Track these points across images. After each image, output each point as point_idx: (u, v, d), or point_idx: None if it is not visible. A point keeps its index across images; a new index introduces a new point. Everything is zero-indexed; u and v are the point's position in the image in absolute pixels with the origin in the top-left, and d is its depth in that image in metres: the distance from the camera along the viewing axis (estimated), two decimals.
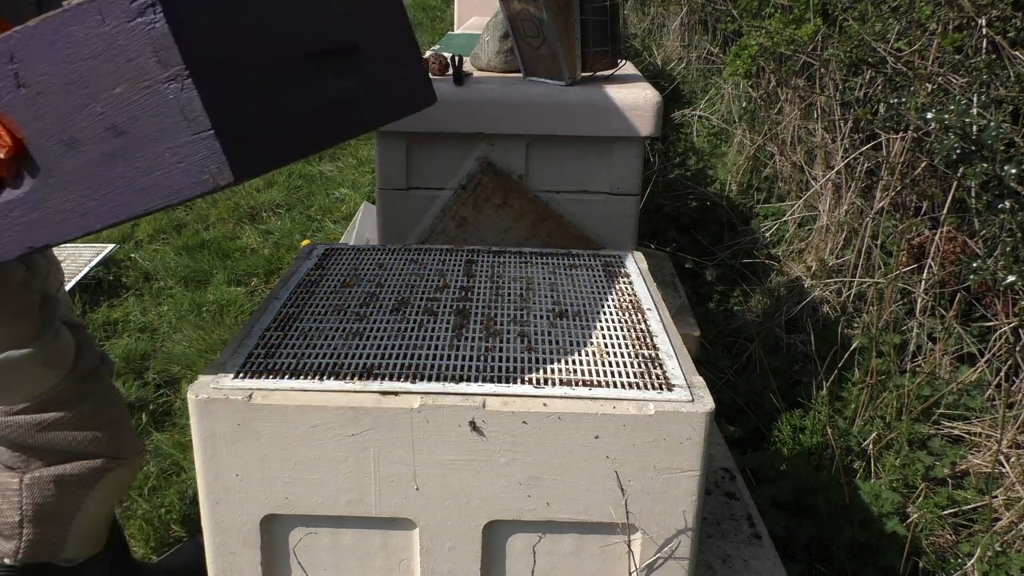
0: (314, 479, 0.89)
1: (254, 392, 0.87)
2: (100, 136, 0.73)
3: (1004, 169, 1.83)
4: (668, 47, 5.73)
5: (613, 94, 1.78)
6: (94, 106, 0.72)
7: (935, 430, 2.22)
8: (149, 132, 0.72)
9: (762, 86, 3.79)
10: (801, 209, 3.30)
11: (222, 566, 0.92)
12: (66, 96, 0.72)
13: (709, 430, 0.88)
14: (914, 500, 1.96)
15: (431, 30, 7.39)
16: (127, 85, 0.71)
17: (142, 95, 0.71)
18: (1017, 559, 1.78)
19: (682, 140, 4.50)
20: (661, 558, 0.92)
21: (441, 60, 1.98)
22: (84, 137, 0.73)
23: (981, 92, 2.19)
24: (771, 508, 1.87)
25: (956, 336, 2.42)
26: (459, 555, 0.92)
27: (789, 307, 2.79)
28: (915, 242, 2.58)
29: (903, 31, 2.61)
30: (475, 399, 0.87)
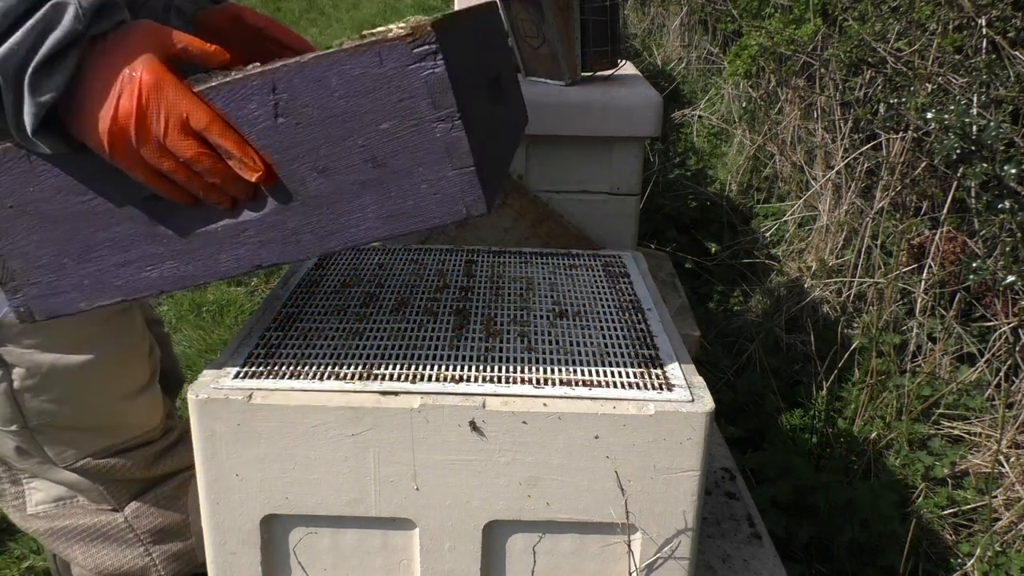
0: (314, 479, 0.89)
1: (254, 392, 0.87)
2: (356, 166, 0.77)
3: (1004, 169, 1.83)
4: (668, 47, 5.73)
5: (613, 94, 1.78)
6: (355, 139, 0.76)
7: (935, 430, 2.22)
8: (408, 165, 0.76)
9: (762, 86, 3.79)
10: (801, 209, 3.30)
11: (222, 566, 0.92)
12: (326, 128, 0.75)
13: (709, 430, 0.88)
14: (914, 500, 1.96)
15: None
16: (394, 122, 0.75)
17: (408, 132, 0.75)
18: (1017, 559, 1.78)
19: (682, 140, 4.50)
20: (661, 558, 0.92)
21: None
22: (338, 166, 0.77)
23: (981, 92, 2.19)
24: (771, 508, 1.87)
25: (956, 336, 2.42)
26: (459, 555, 0.92)
27: (789, 307, 2.79)
28: (915, 242, 2.58)
29: (903, 31, 2.61)
30: (475, 399, 0.87)
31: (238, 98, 0.75)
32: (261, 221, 0.80)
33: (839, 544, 1.81)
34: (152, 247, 0.82)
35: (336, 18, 8.16)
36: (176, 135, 0.72)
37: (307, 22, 8.19)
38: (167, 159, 0.74)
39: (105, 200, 0.79)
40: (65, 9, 0.68)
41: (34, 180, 0.80)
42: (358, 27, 7.66)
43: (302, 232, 0.80)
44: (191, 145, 0.73)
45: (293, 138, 0.76)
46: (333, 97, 0.74)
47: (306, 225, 0.80)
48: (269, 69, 0.74)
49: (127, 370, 1.08)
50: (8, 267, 0.83)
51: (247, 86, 0.74)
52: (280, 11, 8.74)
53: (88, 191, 0.80)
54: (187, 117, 0.72)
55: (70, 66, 0.70)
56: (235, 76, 0.75)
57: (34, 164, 0.79)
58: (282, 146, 0.76)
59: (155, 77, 0.71)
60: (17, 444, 1.09)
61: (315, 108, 0.75)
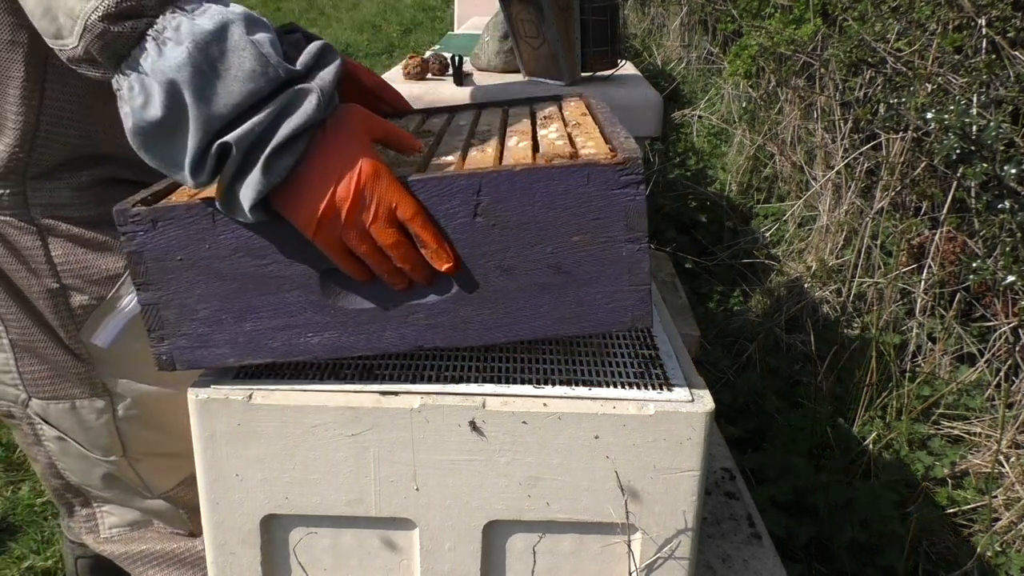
0: (314, 479, 0.89)
1: (254, 392, 0.87)
2: (540, 270, 0.81)
3: (1004, 169, 1.83)
4: (668, 47, 5.73)
5: (613, 94, 1.78)
6: (545, 246, 0.80)
7: (935, 430, 2.22)
8: (589, 276, 0.81)
9: (762, 86, 3.79)
10: (801, 209, 3.30)
11: (222, 566, 0.92)
12: (521, 233, 0.79)
13: (709, 430, 0.88)
14: (914, 500, 1.96)
15: (431, 30, 7.39)
16: (586, 236, 0.80)
17: (597, 247, 0.80)
18: (1017, 559, 1.79)
19: (682, 140, 4.50)
20: (661, 558, 0.92)
21: (441, 60, 1.98)
22: (523, 268, 0.81)
23: (981, 92, 2.20)
24: (771, 508, 1.87)
25: (956, 336, 2.42)
26: (459, 555, 0.92)
27: (789, 307, 2.79)
28: (915, 242, 2.58)
29: (903, 31, 2.62)
30: (475, 399, 0.87)
31: (443, 193, 0.78)
32: (434, 307, 0.83)
33: (839, 544, 1.81)
34: (318, 316, 0.84)
35: (336, 18, 8.17)
36: (382, 223, 0.75)
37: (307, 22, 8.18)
38: (366, 243, 0.76)
39: (281, 267, 0.81)
40: (307, 95, 0.71)
41: (212, 238, 0.81)
42: (358, 27, 7.67)
43: (472, 321, 0.84)
44: (393, 233, 0.76)
45: (486, 237, 0.80)
46: (535, 207, 0.79)
47: (477, 316, 0.83)
48: (478, 172, 0.78)
49: None
50: (161, 316, 0.84)
51: (454, 184, 0.78)
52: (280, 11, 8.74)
53: (266, 256, 0.82)
54: (395, 207, 0.75)
55: (301, 149, 0.72)
56: (444, 173, 0.78)
57: (217, 223, 0.81)
58: (473, 242, 0.80)
59: (374, 167, 0.74)
60: (107, 472, 1.09)
61: (514, 214, 0.79)
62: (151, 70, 0.68)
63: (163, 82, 0.68)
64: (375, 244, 0.76)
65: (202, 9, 0.69)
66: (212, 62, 0.68)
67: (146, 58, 0.68)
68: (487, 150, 0.91)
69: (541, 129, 0.97)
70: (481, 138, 0.98)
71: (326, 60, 0.75)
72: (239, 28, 0.69)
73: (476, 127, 1.08)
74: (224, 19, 0.69)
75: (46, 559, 1.83)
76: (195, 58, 0.67)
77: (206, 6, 0.70)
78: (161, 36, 0.68)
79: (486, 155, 0.88)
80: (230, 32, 0.68)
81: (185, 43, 0.67)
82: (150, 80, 0.68)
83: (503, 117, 1.13)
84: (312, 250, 0.80)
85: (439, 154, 0.92)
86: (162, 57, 0.68)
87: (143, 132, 0.71)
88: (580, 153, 0.81)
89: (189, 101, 0.68)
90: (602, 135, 0.91)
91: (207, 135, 0.69)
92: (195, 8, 0.69)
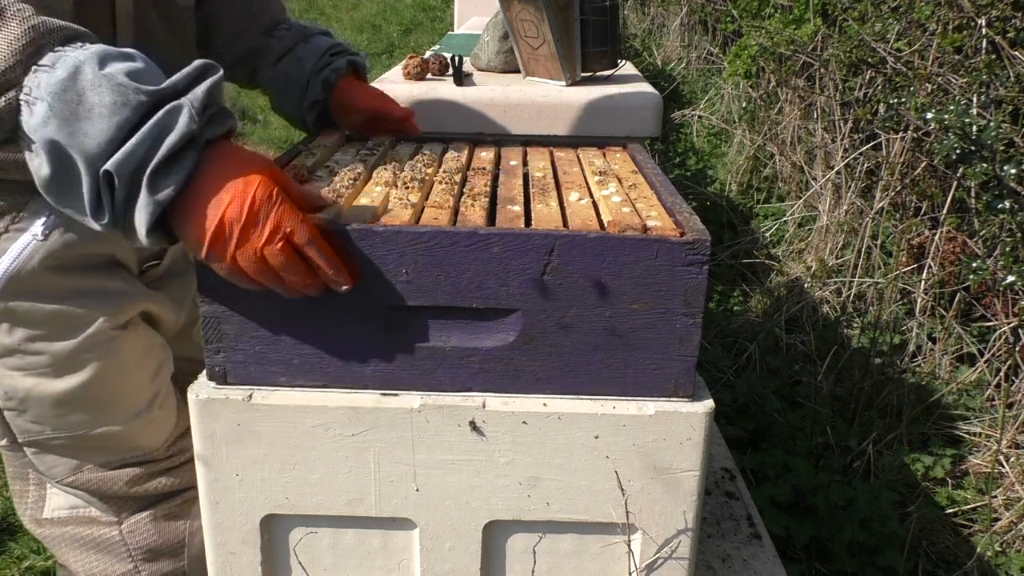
0: (314, 479, 0.89)
1: (254, 392, 0.87)
2: (596, 331, 0.85)
3: (1004, 169, 1.83)
4: (668, 47, 5.73)
5: (613, 94, 1.78)
6: (605, 310, 0.84)
7: (935, 430, 2.22)
8: (641, 342, 0.85)
9: (762, 86, 3.79)
10: (801, 209, 3.30)
11: (222, 566, 0.92)
12: (583, 294, 0.84)
13: (709, 430, 0.88)
14: (914, 500, 1.96)
15: (431, 30, 7.39)
16: (643, 305, 0.84)
17: (653, 316, 0.84)
18: (1017, 559, 1.79)
19: (682, 140, 4.50)
20: (661, 558, 0.92)
21: (441, 60, 1.98)
22: (580, 327, 0.85)
23: (981, 92, 2.20)
24: (771, 508, 1.87)
25: (956, 336, 2.42)
26: (459, 555, 0.92)
27: (789, 307, 2.79)
28: (915, 242, 2.58)
29: (903, 31, 2.62)
30: (475, 399, 0.87)
31: (518, 248, 0.82)
32: (490, 351, 0.86)
33: (839, 544, 1.81)
34: (377, 348, 0.86)
35: (336, 18, 8.16)
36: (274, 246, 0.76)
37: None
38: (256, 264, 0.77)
39: (351, 300, 0.83)
40: (180, 112, 0.72)
41: None
42: (358, 27, 7.66)
43: (523, 371, 0.87)
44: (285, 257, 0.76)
45: (551, 293, 0.84)
46: (601, 272, 0.83)
47: (529, 366, 0.87)
48: (553, 233, 0.82)
49: (118, 394, 1.07)
50: (220, 329, 0.86)
51: (530, 241, 0.82)
52: None
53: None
54: (290, 232, 0.76)
55: (187, 167, 0.73)
56: (521, 230, 0.82)
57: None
58: (538, 298, 0.84)
59: (268, 190, 0.75)
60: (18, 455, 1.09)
61: (581, 276, 0.83)
62: (29, 131, 0.71)
63: (41, 140, 0.71)
64: (266, 265, 0.77)
65: (60, 60, 0.71)
66: (72, 107, 0.70)
67: (25, 121, 0.71)
68: (550, 204, 0.95)
69: (601, 188, 1.00)
70: (540, 187, 1.02)
71: (205, 76, 0.76)
72: (91, 66, 0.71)
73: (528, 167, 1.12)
74: (75, 63, 0.71)
75: (46, 559, 1.83)
76: (55, 108, 0.70)
77: (64, 55, 0.71)
78: (30, 97, 0.71)
79: (550, 209, 0.92)
80: (82, 73, 0.70)
81: (45, 97, 0.70)
82: (35, 140, 0.71)
83: (550, 159, 1.18)
84: (381, 284, 0.83)
85: (502, 200, 0.96)
86: (32, 116, 0.71)
87: (47, 190, 0.74)
88: (648, 225, 0.85)
89: (67, 149, 0.71)
90: (660, 203, 0.95)
91: (93, 176, 0.71)
92: (55, 60, 0.71)
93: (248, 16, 1.26)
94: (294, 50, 1.27)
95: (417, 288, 0.83)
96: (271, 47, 1.28)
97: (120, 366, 1.05)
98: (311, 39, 1.28)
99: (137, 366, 1.08)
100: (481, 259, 0.82)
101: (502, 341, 0.86)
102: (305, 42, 1.28)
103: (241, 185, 0.74)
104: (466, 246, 0.82)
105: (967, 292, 2.41)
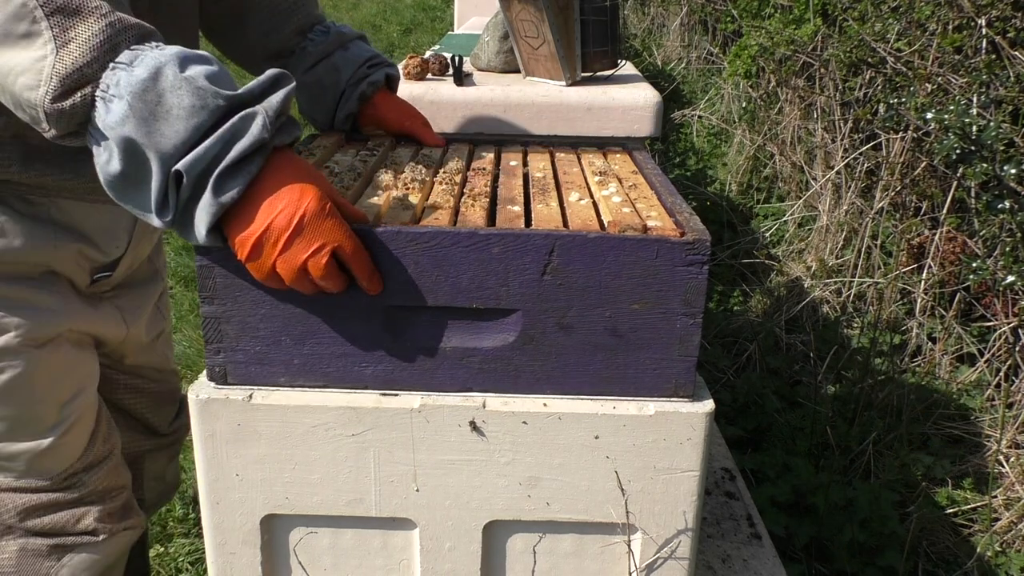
0: (314, 479, 0.89)
1: (254, 392, 0.87)
2: (597, 332, 0.85)
3: (1004, 169, 1.83)
4: (668, 47, 5.73)
5: (613, 94, 1.78)
6: (605, 310, 0.84)
7: (935, 430, 2.22)
8: (641, 342, 0.85)
9: (762, 86, 3.79)
10: (801, 209, 3.30)
11: (222, 566, 0.92)
12: (584, 294, 0.84)
13: (709, 430, 0.88)
14: (914, 500, 1.96)
15: (431, 30, 7.39)
16: (644, 305, 0.84)
17: (654, 317, 0.84)
18: (1017, 559, 1.79)
19: (682, 140, 4.50)
20: (661, 558, 0.92)
21: (441, 60, 1.98)
22: (580, 327, 0.85)
23: (981, 92, 2.20)
24: (771, 508, 1.87)
25: (956, 336, 2.42)
26: (459, 555, 0.92)
27: (789, 307, 2.79)
28: (915, 242, 2.58)
29: (903, 31, 2.62)
30: (475, 399, 0.87)
31: (518, 248, 0.82)
32: (489, 352, 0.86)
33: (839, 544, 1.81)
34: (377, 348, 0.86)
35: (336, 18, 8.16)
36: (320, 257, 0.77)
37: None
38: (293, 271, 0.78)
39: (349, 297, 0.83)
40: (254, 119, 0.73)
41: None
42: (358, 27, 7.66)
43: (523, 371, 0.87)
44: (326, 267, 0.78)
45: (551, 294, 0.84)
46: (601, 272, 0.83)
47: (529, 366, 0.87)
48: (554, 233, 0.82)
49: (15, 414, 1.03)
50: (221, 329, 0.86)
51: (530, 241, 0.82)
52: None
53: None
54: (338, 244, 0.77)
55: (253, 171, 0.74)
56: (521, 230, 0.82)
57: None
58: (538, 297, 0.84)
59: (320, 204, 0.76)
60: None
61: (581, 276, 0.83)
62: (104, 127, 0.72)
63: (116, 138, 0.71)
64: (305, 274, 0.78)
65: (139, 59, 0.72)
66: (151, 107, 0.71)
67: (98, 117, 0.72)
68: (550, 204, 0.95)
69: (601, 188, 1.00)
70: (540, 187, 1.02)
71: (279, 85, 0.77)
72: (172, 68, 0.71)
73: (528, 167, 1.12)
74: (156, 63, 0.71)
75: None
76: (135, 107, 0.70)
77: (143, 55, 0.72)
78: (107, 94, 0.71)
79: (551, 210, 0.92)
80: (163, 75, 0.71)
81: (125, 96, 0.70)
82: (108, 137, 0.72)
83: (550, 159, 1.17)
84: (384, 284, 0.83)
85: (502, 200, 0.96)
86: (109, 114, 0.71)
87: (112, 186, 0.74)
88: (648, 225, 0.85)
89: (143, 147, 0.71)
90: (660, 203, 0.95)
91: (165, 174, 0.72)
92: (133, 59, 0.72)
93: (280, 13, 1.24)
94: (331, 57, 1.24)
95: (417, 288, 0.83)
96: (306, 50, 1.25)
97: (24, 386, 1.02)
98: (349, 46, 1.26)
99: (47, 389, 1.04)
100: (481, 259, 0.82)
101: (502, 341, 0.86)
102: (344, 49, 1.25)
103: (297, 194, 0.75)
104: (466, 246, 0.82)
105: (967, 292, 2.41)
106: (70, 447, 1.10)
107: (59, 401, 1.06)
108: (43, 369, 1.03)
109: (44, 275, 1.02)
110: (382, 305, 0.84)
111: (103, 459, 1.15)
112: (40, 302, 1.01)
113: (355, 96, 1.23)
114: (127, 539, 1.20)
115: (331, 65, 1.24)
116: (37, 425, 1.06)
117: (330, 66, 1.24)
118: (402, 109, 1.28)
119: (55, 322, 1.03)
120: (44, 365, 1.03)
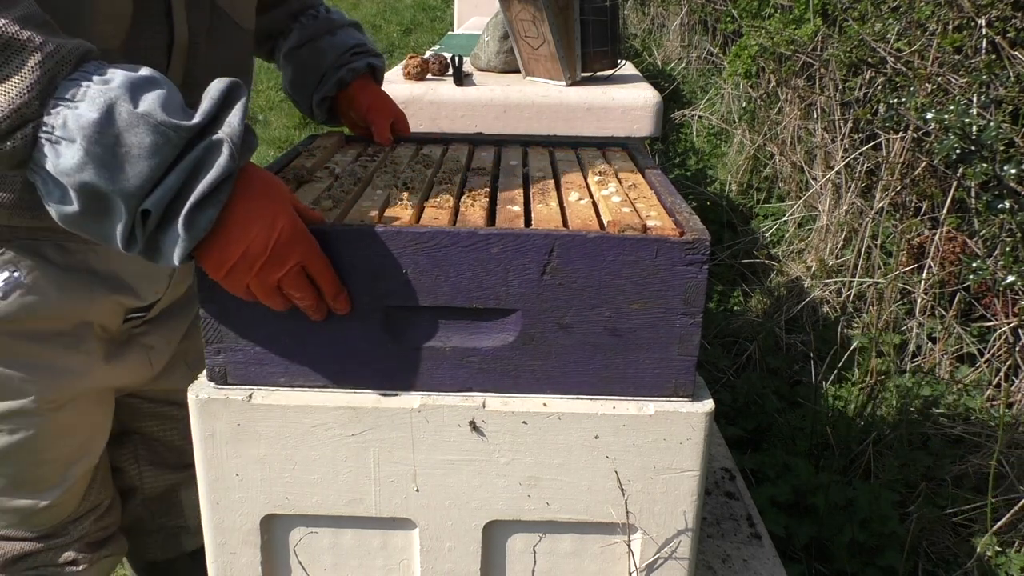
0: (314, 479, 0.89)
1: (254, 392, 0.87)
2: (596, 332, 0.85)
3: (1004, 169, 1.83)
4: (668, 47, 5.73)
5: (613, 94, 1.78)
6: (604, 310, 0.84)
7: (935, 430, 2.22)
8: (641, 342, 0.85)
9: (762, 86, 3.79)
10: (801, 209, 3.30)
11: (222, 566, 0.92)
12: (583, 294, 0.84)
13: (709, 430, 0.88)
14: (914, 500, 1.96)
15: (431, 30, 7.39)
16: (643, 305, 0.84)
17: (654, 316, 0.84)
18: (1017, 559, 1.79)
19: (682, 140, 4.50)
20: (661, 558, 0.92)
21: (441, 60, 1.98)
22: (580, 327, 0.85)
23: (981, 92, 2.20)
24: (771, 508, 1.87)
25: (956, 336, 2.42)
26: (459, 555, 0.92)
27: (789, 307, 2.79)
28: (915, 242, 2.58)
29: (903, 31, 2.62)
30: (475, 399, 0.87)
31: (518, 248, 0.82)
32: (489, 352, 0.86)
33: (839, 544, 1.81)
34: (376, 348, 0.86)
35: None
36: (292, 277, 0.77)
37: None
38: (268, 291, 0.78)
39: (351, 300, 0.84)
40: (219, 149, 0.70)
41: None
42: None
43: (523, 371, 0.87)
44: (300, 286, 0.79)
45: (551, 294, 0.83)
46: (601, 272, 0.83)
47: (529, 366, 0.87)
48: (553, 233, 0.82)
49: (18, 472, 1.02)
50: (220, 329, 0.86)
51: (530, 241, 0.82)
52: None
53: None
54: (307, 265, 0.78)
55: (223, 199, 0.71)
56: (521, 230, 0.82)
57: None
58: (538, 297, 0.84)
59: (293, 227, 0.76)
60: None
61: (581, 276, 0.83)
62: (57, 173, 0.67)
63: (74, 183, 0.67)
64: (278, 290, 0.78)
65: (82, 93, 0.67)
66: (110, 149, 0.66)
67: (47, 161, 0.67)
68: (550, 204, 0.95)
69: (600, 188, 1.00)
70: (540, 187, 1.02)
71: (232, 100, 0.73)
72: (124, 105, 0.67)
73: (528, 167, 1.12)
74: (106, 100, 0.66)
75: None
76: (92, 152, 0.66)
77: (85, 88, 0.67)
78: (53, 135, 0.67)
79: (550, 209, 0.92)
80: (116, 113, 0.66)
81: (77, 140, 0.66)
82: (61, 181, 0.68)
83: (550, 159, 1.17)
84: (381, 285, 0.83)
85: (502, 200, 0.96)
86: (60, 158, 0.67)
87: (67, 222, 0.71)
88: (647, 224, 0.85)
89: (105, 191, 0.68)
90: (660, 203, 0.95)
91: (131, 212, 0.69)
92: (75, 93, 0.67)
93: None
94: (317, 40, 1.24)
95: (417, 288, 0.83)
96: (294, 32, 1.25)
97: (33, 448, 1.01)
98: (337, 32, 1.26)
99: (56, 450, 1.04)
100: (481, 259, 0.82)
101: (502, 341, 0.86)
102: (331, 35, 1.25)
103: (270, 218, 0.74)
104: (466, 246, 0.82)
105: (967, 292, 2.41)
106: (67, 505, 1.10)
107: (65, 462, 1.06)
108: (55, 431, 1.02)
109: (76, 328, 1.00)
110: (381, 305, 0.84)
111: (94, 508, 1.15)
112: (66, 364, 0.99)
113: (333, 81, 1.22)
114: (108, 566, 1.19)
115: (316, 49, 1.24)
116: (39, 484, 1.05)
117: (315, 49, 1.24)
118: (375, 100, 1.26)
119: (77, 384, 1.02)
120: (56, 426, 1.02)
